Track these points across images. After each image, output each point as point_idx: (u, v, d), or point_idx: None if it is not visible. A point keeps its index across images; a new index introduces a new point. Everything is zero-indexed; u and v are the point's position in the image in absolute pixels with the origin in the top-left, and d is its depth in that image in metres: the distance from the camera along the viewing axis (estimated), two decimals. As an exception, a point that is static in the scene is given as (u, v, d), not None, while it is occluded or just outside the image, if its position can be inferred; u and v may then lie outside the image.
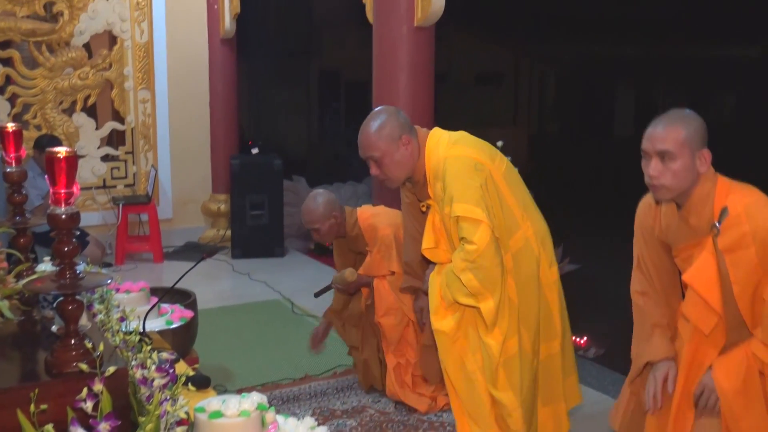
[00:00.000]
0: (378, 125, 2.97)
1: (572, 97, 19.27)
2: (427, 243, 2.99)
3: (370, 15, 5.01)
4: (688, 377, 2.43)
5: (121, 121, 7.73)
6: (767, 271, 2.26)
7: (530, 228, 3.00)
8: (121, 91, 7.64)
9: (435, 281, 2.94)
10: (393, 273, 3.82)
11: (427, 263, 3.22)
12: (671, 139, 2.30)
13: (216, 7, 7.82)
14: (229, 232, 7.70)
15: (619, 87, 18.82)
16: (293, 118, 17.23)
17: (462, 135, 3.02)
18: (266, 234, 7.40)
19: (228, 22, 7.69)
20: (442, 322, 2.91)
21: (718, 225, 2.30)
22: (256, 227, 7.37)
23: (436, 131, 3.05)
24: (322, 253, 7.60)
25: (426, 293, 3.07)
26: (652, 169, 2.34)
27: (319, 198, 3.88)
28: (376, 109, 3.09)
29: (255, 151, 7.87)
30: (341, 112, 17.49)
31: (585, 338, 5.25)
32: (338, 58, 17.15)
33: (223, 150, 8.03)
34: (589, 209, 12.16)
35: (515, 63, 16.65)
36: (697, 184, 2.34)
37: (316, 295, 4.21)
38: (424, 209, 3.08)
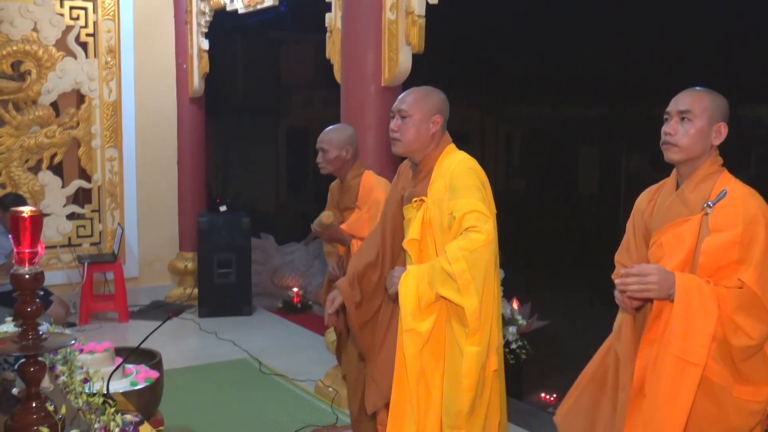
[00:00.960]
0: (429, 94, 3.03)
1: (537, 155, 19.56)
2: (413, 234, 2.94)
3: (338, 75, 5.08)
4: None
5: (88, 179, 7.68)
6: (743, 255, 2.32)
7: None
8: (88, 149, 7.61)
9: (409, 281, 2.84)
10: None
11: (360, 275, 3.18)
12: (695, 102, 2.48)
13: (185, 66, 7.88)
14: (196, 291, 7.62)
15: (583, 146, 19.15)
16: (261, 176, 17.26)
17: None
18: (234, 292, 7.35)
19: (197, 81, 7.74)
20: (419, 324, 2.82)
21: (711, 204, 2.40)
22: (223, 285, 7.32)
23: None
24: (290, 311, 7.55)
25: (393, 298, 2.96)
26: (670, 127, 2.49)
27: (346, 129, 3.91)
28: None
29: (223, 208, 7.86)
30: (309, 170, 17.57)
31: (554, 395, 5.23)
32: (306, 117, 17.29)
33: (191, 208, 8.00)
34: (555, 266, 12.26)
35: (481, 122, 16.93)
36: (707, 159, 2.48)
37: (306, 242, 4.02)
38: (415, 207, 3.00)
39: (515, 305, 5.42)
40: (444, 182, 2.89)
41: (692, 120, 2.45)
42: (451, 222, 2.81)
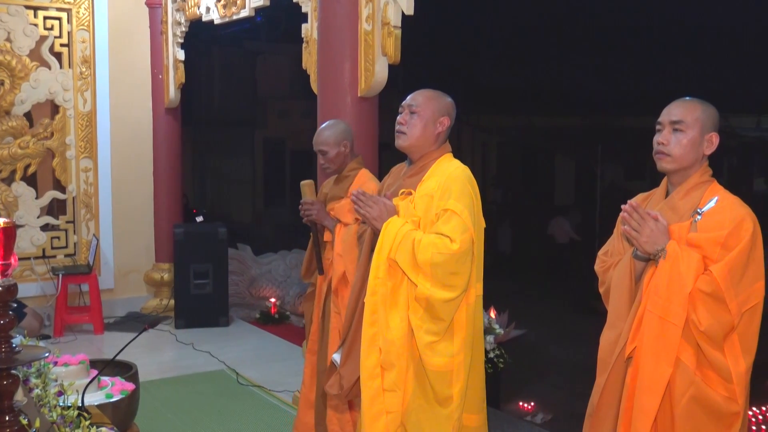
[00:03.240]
0: (440, 95, 3.08)
1: (513, 165, 19.68)
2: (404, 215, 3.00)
3: (314, 85, 5.08)
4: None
5: (63, 190, 7.62)
6: (724, 254, 2.36)
7: (479, 290, 3.01)
8: (62, 160, 7.55)
9: (390, 230, 2.91)
10: (357, 220, 3.72)
11: None
12: (687, 112, 2.51)
13: (161, 76, 7.85)
14: (172, 302, 7.57)
15: (558, 156, 19.29)
16: (238, 186, 17.22)
17: None
18: (210, 303, 7.31)
19: (172, 92, 7.71)
20: (386, 278, 2.91)
21: (701, 211, 2.45)
22: (200, 296, 7.28)
23: None
24: (267, 322, 7.53)
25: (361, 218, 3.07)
26: (662, 137, 2.53)
27: (338, 124, 3.90)
28: None
29: (200, 219, 7.82)
30: (286, 181, 17.56)
31: (532, 404, 5.25)
32: (282, 128, 17.28)
33: (167, 219, 7.96)
34: (531, 275, 12.33)
35: (457, 131, 17.03)
36: (698, 169, 2.53)
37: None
38: (401, 198, 3.04)
39: (493, 314, 5.44)
40: (438, 181, 2.93)
41: (684, 130, 2.49)
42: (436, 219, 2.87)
